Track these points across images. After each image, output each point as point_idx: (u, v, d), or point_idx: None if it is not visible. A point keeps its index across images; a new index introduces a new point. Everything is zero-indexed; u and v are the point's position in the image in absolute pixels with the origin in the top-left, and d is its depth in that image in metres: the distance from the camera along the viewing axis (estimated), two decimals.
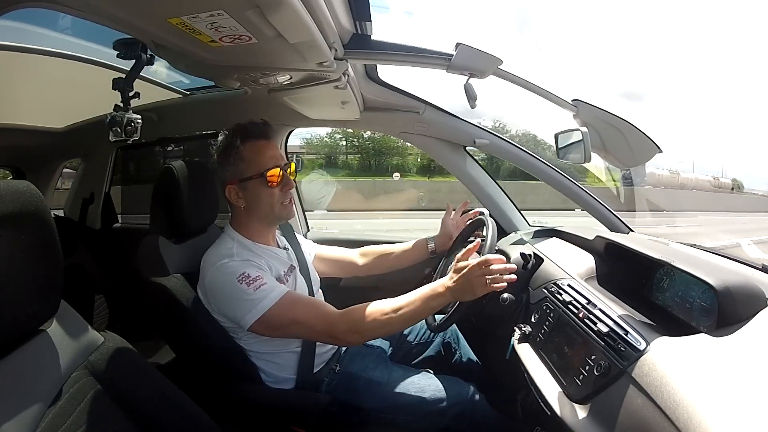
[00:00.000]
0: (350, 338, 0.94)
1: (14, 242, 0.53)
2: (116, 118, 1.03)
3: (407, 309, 0.90)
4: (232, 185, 1.01)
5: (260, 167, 0.99)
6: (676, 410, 0.53)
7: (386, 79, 1.41)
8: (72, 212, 1.95)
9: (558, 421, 0.72)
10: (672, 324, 0.76)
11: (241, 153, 0.99)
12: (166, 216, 1.05)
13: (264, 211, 1.02)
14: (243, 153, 0.99)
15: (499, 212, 1.54)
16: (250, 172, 0.99)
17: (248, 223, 1.04)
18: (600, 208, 1.39)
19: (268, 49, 0.79)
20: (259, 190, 1.00)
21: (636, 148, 1.07)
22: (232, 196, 1.02)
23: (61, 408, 0.59)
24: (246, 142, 1.00)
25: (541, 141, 7.77)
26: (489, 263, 0.86)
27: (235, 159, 0.99)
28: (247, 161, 0.99)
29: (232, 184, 1.01)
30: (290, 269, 1.07)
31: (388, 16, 12.43)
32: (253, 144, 1.00)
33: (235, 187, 1.01)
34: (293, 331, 0.94)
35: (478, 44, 0.97)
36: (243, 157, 0.99)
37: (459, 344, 1.30)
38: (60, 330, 0.64)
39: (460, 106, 1.12)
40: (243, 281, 0.90)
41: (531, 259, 1.08)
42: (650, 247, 0.87)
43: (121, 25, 0.75)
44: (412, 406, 1.01)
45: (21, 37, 1.03)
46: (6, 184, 0.55)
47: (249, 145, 1.00)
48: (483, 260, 0.86)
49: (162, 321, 1.02)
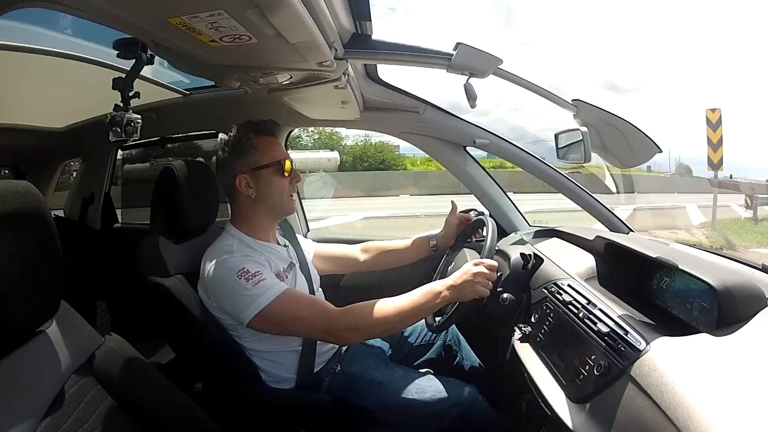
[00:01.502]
0: (349, 336, 0.95)
1: (14, 242, 0.53)
2: (116, 118, 1.03)
3: (407, 308, 0.91)
4: (244, 174, 1.03)
5: (274, 157, 1.04)
6: (676, 410, 0.53)
7: (386, 79, 1.41)
8: (72, 212, 1.95)
9: (558, 421, 0.72)
10: (672, 324, 0.76)
11: (255, 144, 1.04)
12: (166, 216, 1.05)
13: (273, 200, 1.05)
14: (256, 144, 1.04)
15: (499, 212, 1.54)
16: (264, 161, 1.03)
17: (252, 217, 1.05)
18: (600, 208, 1.39)
19: (268, 49, 0.79)
20: (272, 178, 1.04)
21: (636, 148, 1.07)
22: (243, 185, 1.03)
23: (60, 408, 0.59)
24: (259, 135, 1.05)
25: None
26: (484, 264, 0.91)
27: (249, 149, 1.03)
28: (261, 151, 1.04)
29: (244, 174, 1.03)
30: (290, 266, 1.07)
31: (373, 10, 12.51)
32: (265, 138, 1.06)
33: (246, 177, 1.03)
34: (292, 327, 0.94)
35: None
36: (257, 148, 1.04)
37: (460, 346, 1.30)
38: (60, 330, 0.64)
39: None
40: (242, 276, 0.90)
41: (531, 259, 1.08)
42: (650, 247, 0.87)
43: (121, 25, 0.75)
44: (413, 407, 1.01)
45: (21, 37, 1.03)
46: (6, 184, 0.55)
47: (261, 139, 1.05)
48: (478, 261, 0.92)
49: (162, 321, 1.02)
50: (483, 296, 0.91)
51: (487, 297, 0.93)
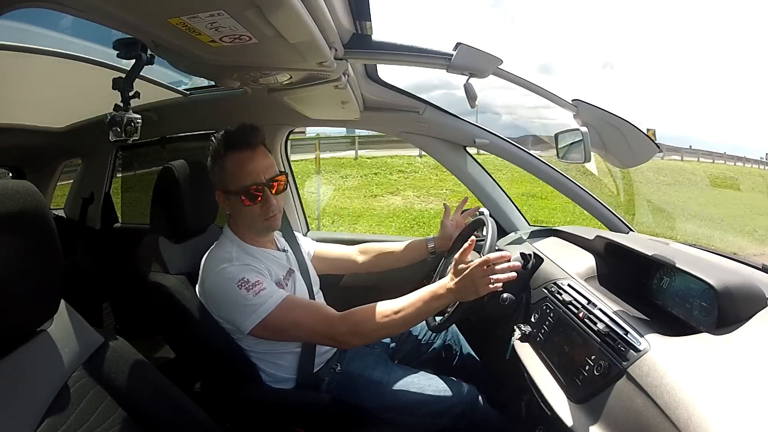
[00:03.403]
0: (351, 340, 0.94)
1: (14, 242, 0.53)
2: (116, 118, 1.03)
3: (408, 311, 0.90)
4: (219, 192, 1.00)
5: (238, 184, 0.95)
6: (676, 410, 0.53)
7: (386, 78, 1.41)
8: (72, 212, 1.96)
9: (558, 421, 0.72)
10: (672, 324, 0.76)
11: (225, 164, 0.96)
12: (166, 216, 1.05)
13: (245, 224, 1.00)
14: (226, 164, 0.96)
15: (499, 212, 1.54)
16: (231, 185, 0.96)
17: (239, 228, 1.03)
18: (600, 208, 1.39)
19: (268, 49, 0.79)
20: (239, 206, 0.97)
21: (636, 148, 1.07)
22: (221, 201, 1.01)
23: (61, 408, 0.59)
24: (229, 152, 0.95)
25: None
26: (491, 262, 0.86)
27: (219, 168, 0.97)
28: (229, 174, 0.96)
29: (219, 191, 1.00)
30: (289, 273, 1.07)
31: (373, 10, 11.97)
32: (236, 156, 0.95)
33: (221, 195, 1.00)
34: (294, 334, 0.94)
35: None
36: (225, 169, 0.96)
37: (460, 346, 1.30)
38: (60, 330, 0.64)
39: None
40: (242, 286, 0.89)
41: (531, 258, 1.08)
42: (650, 247, 0.87)
43: (121, 25, 0.75)
44: (413, 406, 1.01)
45: (21, 37, 1.03)
46: (6, 184, 0.55)
47: (232, 157, 0.95)
48: (485, 260, 0.86)
49: (162, 321, 1.02)
50: (494, 291, 0.87)
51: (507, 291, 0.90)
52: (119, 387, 0.66)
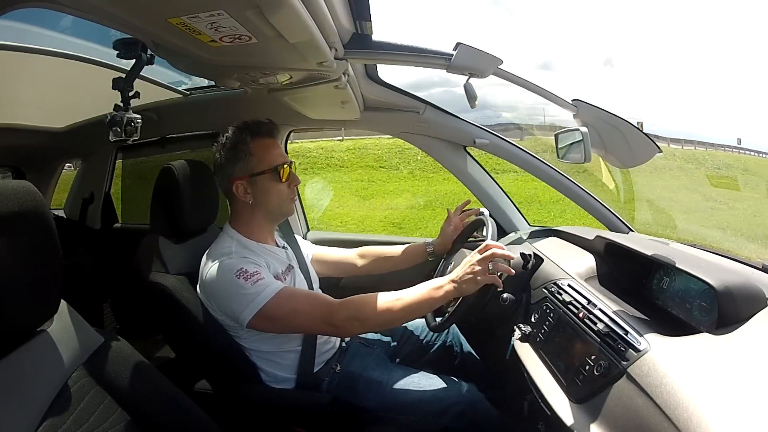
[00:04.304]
0: (351, 326, 0.94)
1: (14, 242, 0.53)
2: (116, 118, 1.03)
3: (408, 299, 0.91)
4: (241, 180, 1.02)
5: (270, 162, 1.02)
6: (676, 410, 0.53)
7: (386, 76, 1.41)
8: (72, 212, 1.96)
9: (558, 421, 0.72)
10: (672, 324, 0.76)
11: (251, 149, 1.01)
12: (166, 216, 1.05)
13: (271, 205, 1.04)
14: (253, 149, 1.01)
15: (499, 212, 1.54)
16: (261, 167, 1.01)
17: (250, 220, 1.04)
18: (600, 208, 1.39)
19: (268, 49, 0.79)
20: (269, 185, 1.02)
21: (636, 148, 1.07)
22: (240, 191, 1.02)
23: (61, 408, 0.59)
24: (255, 138, 1.02)
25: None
26: (489, 247, 0.88)
27: (245, 154, 1.01)
28: (258, 157, 1.01)
29: (241, 180, 1.01)
30: (288, 268, 1.07)
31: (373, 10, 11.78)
32: (262, 141, 1.03)
33: (243, 183, 1.02)
34: (293, 322, 0.93)
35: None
36: (253, 153, 1.01)
37: (461, 347, 1.30)
38: (60, 330, 0.64)
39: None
40: (240, 276, 0.90)
41: (531, 259, 1.08)
42: (650, 247, 0.87)
43: (121, 25, 0.75)
44: (413, 406, 1.01)
45: (21, 37, 1.03)
46: (6, 184, 0.55)
47: (258, 142, 1.02)
48: (486, 245, 0.89)
49: (162, 321, 1.02)
50: (487, 284, 0.87)
51: (507, 291, 0.91)
52: (119, 387, 0.66)
